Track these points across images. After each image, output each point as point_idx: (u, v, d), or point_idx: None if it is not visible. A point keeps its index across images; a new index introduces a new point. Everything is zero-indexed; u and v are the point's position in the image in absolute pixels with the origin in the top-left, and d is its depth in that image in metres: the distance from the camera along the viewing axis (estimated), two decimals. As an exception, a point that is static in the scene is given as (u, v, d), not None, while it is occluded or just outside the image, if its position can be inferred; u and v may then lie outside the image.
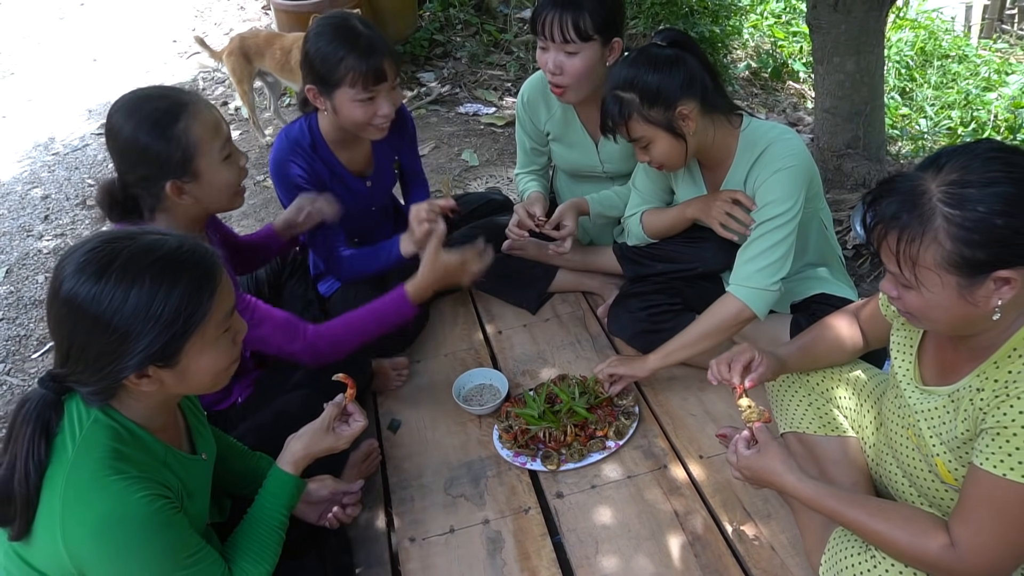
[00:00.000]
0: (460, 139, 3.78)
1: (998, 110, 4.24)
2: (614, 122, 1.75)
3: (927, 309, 1.12)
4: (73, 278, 1.07)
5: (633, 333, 2.09)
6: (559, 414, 1.92)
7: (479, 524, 1.75)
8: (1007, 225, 1.01)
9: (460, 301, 2.53)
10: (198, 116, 1.55)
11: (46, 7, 6.82)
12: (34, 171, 4.06)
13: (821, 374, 1.61)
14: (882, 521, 1.19)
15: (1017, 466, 1.05)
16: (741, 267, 1.80)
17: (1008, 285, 1.04)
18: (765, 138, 1.80)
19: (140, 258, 1.08)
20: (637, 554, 1.63)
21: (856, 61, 2.64)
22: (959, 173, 1.04)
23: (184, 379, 1.16)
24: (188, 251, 1.13)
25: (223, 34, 5.54)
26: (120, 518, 1.08)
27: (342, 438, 1.47)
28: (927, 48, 5.01)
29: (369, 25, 1.96)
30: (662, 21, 4.56)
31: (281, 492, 1.40)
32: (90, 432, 1.11)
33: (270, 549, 1.34)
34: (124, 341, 1.07)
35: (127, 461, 1.12)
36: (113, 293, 1.06)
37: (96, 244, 1.10)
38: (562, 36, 1.94)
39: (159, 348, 1.09)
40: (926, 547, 1.13)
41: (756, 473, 1.34)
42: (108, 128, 1.56)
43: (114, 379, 1.10)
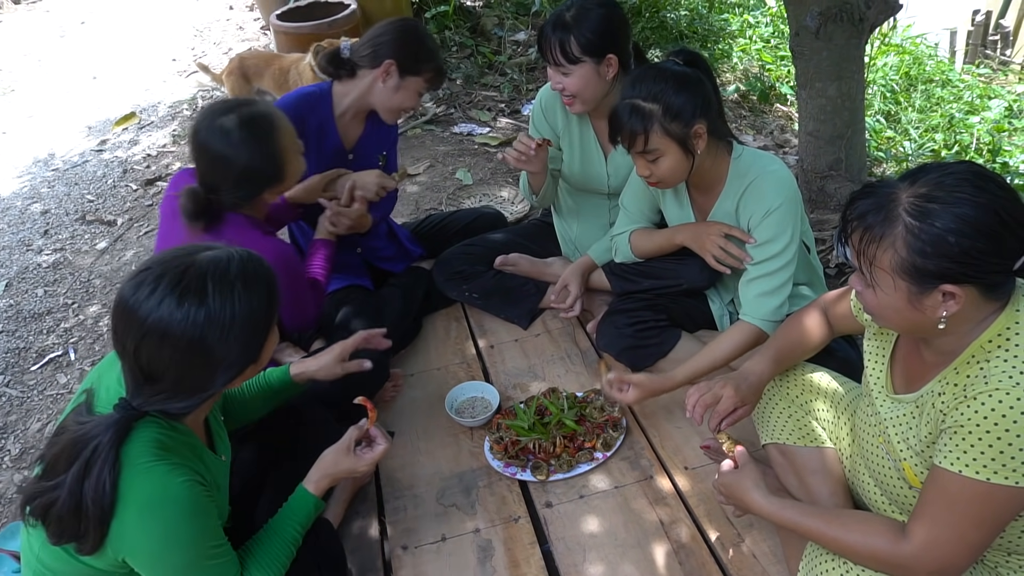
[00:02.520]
0: (454, 158, 3.86)
1: (980, 133, 4.33)
2: (633, 131, 1.76)
3: (880, 308, 1.18)
4: (166, 305, 1.11)
5: (621, 348, 2.14)
6: (549, 426, 1.97)
7: (470, 533, 1.79)
8: (958, 244, 1.07)
9: (453, 316, 2.59)
10: (283, 126, 1.74)
11: (47, 25, 6.91)
12: (34, 186, 4.11)
13: (800, 387, 1.67)
14: (838, 527, 1.25)
15: (972, 463, 1.10)
16: (752, 301, 1.88)
17: (954, 300, 1.10)
18: (754, 169, 1.87)
19: (224, 273, 1.15)
20: (623, 562, 1.68)
21: (838, 86, 2.72)
22: (929, 188, 1.10)
23: (258, 368, 1.26)
24: (252, 259, 1.22)
25: (222, 53, 5.62)
26: (163, 499, 1.14)
27: (363, 461, 1.50)
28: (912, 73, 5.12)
29: None
30: (652, 45, 4.67)
31: (299, 510, 1.45)
32: (139, 426, 1.17)
33: (279, 561, 1.39)
34: (232, 355, 1.15)
35: (170, 451, 1.18)
36: (222, 313, 1.13)
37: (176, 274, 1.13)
38: (553, 59, 2.06)
39: (255, 349, 1.19)
40: (881, 546, 1.19)
41: (730, 490, 1.43)
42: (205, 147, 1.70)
43: (211, 391, 1.18)
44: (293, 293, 1.86)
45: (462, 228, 2.74)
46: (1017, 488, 1.08)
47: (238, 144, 1.68)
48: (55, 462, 1.15)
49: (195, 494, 1.17)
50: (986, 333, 1.14)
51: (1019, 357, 1.09)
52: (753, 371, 1.62)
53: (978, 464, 1.09)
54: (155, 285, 1.12)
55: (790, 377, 1.69)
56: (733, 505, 1.48)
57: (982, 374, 1.12)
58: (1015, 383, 1.08)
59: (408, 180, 3.67)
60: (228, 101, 1.75)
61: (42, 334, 2.92)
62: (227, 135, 1.68)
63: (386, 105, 2.25)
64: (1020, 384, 1.07)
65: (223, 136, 1.68)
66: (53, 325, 2.97)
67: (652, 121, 1.74)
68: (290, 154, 1.78)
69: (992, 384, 1.09)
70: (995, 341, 1.13)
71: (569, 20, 2.01)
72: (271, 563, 1.37)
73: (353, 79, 2.25)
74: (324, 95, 2.27)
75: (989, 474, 1.09)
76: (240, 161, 1.69)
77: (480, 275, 2.46)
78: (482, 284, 2.46)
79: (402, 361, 2.39)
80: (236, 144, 1.68)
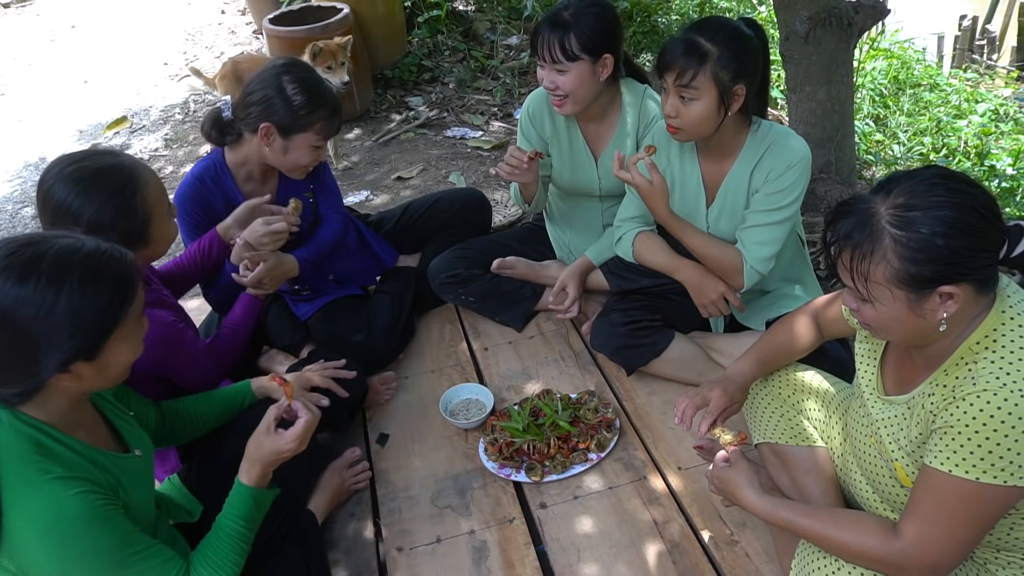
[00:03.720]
0: (447, 162, 3.87)
1: (968, 137, 4.38)
2: (686, 63, 1.75)
3: (882, 321, 1.20)
4: (1, 280, 1.07)
5: (615, 348, 2.16)
6: (543, 427, 1.98)
7: (465, 534, 1.80)
8: (947, 245, 1.10)
9: (447, 319, 2.60)
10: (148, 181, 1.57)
11: (37, 29, 6.88)
12: (25, 190, 4.09)
13: (792, 387, 1.69)
14: (831, 526, 1.27)
15: (962, 463, 1.12)
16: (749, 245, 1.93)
17: (952, 299, 1.13)
18: (772, 134, 1.90)
19: (66, 259, 1.11)
20: (617, 562, 1.69)
21: (827, 90, 2.75)
22: (906, 197, 1.14)
23: (102, 372, 1.19)
24: (108, 251, 1.18)
25: (214, 57, 5.61)
26: (57, 518, 1.09)
27: (285, 439, 1.39)
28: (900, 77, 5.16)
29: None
30: (643, 49, 4.70)
31: (238, 503, 1.38)
32: (7, 439, 1.12)
33: (229, 559, 1.33)
34: (52, 340, 1.09)
35: (52, 459, 1.13)
36: (43, 295, 1.08)
37: (13, 248, 1.10)
38: (551, 56, 2.05)
39: (87, 345, 1.13)
40: (873, 545, 1.21)
41: (723, 485, 1.45)
42: (60, 204, 1.48)
43: (39, 377, 1.12)
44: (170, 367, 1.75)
45: (447, 220, 2.64)
46: (1006, 487, 1.10)
47: (87, 195, 1.47)
48: None
49: (91, 506, 1.11)
50: (974, 335, 1.17)
51: (1006, 358, 1.12)
52: (740, 372, 1.65)
53: (967, 464, 1.11)
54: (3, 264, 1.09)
55: (782, 377, 1.71)
56: (721, 496, 1.50)
57: (970, 375, 1.14)
58: (1002, 384, 1.10)
59: (402, 183, 3.69)
60: (85, 150, 1.56)
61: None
62: (76, 184, 1.47)
63: (282, 167, 2.09)
64: (1007, 384, 1.09)
65: (70, 184, 1.47)
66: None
67: (706, 60, 1.74)
68: (157, 214, 1.57)
69: (980, 385, 1.11)
70: (983, 343, 1.15)
71: (568, 18, 2.02)
72: (219, 561, 1.32)
73: (241, 143, 2.08)
74: (219, 168, 2.11)
75: (978, 473, 1.11)
76: (87, 214, 1.46)
77: (476, 279, 2.46)
78: (478, 288, 2.46)
79: (396, 363, 2.40)
80: (85, 195, 1.47)
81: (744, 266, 1.93)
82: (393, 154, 4.00)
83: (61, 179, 1.48)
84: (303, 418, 1.42)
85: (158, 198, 1.59)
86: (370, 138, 4.17)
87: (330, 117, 2.03)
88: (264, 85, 2.00)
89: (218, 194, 2.11)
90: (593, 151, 2.32)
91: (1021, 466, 1.09)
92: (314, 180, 2.31)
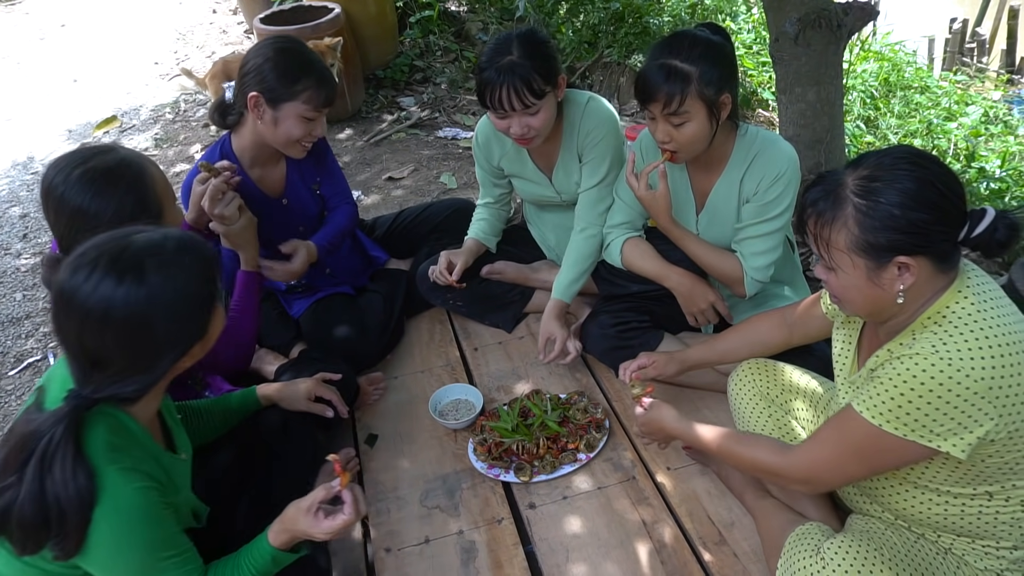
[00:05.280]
0: (439, 162, 3.86)
1: (957, 139, 4.40)
2: (670, 91, 1.73)
3: (844, 290, 1.27)
4: (104, 285, 1.09)
5: (604, 349, 2.15)
6: (532, 428, 1.98)
7: (454, 534, 1.79)
8: (903, 216, 1.16)
9: (436, 319, 2.59)
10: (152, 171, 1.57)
11: (26, 27, 6.84)
12: (12, 190, 4.07)
13: (779, 387, 1.70)
14: (734, 443, 1.47)
15: (873, 408, 1.22)
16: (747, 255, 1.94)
17: (908, 271, 1.19)
18: (759, 141, 1.90)
19: (159, 250, 1.15)
20: (606, 562, 1.69)
21: (817, 91, 2.76)
22: (871, 170, 1.21)
23: (205, 345, 1.23)
24: (184, 236, 1.21)
25: (205, 57, 5.59)
26: (117, 508, 1.11)
27: (320, 527, 1.32)
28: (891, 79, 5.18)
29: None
30: (635, 50, 4.70)
31: (258, 557, 1.35)
32: (89, 425, 1.14)
33: None
34: (176, 331, 1.15)
35: (122, 452, 1.15)
36: (162, 289, 1.12)
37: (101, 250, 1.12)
38: (522, 104, 1.94)
39: (202, 324, 1.18)
40: (763, 456, 1.41)
41: (651, 425, 1.65)
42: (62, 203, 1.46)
43: (162, 370, 1.16)
44: None
45: (438, 224, 2.68)
46: (903, 440, 1.20)
47: (104, 196, 1.45)
48: (5, 462, 1.10)
49: (149, 502, 1.15)
50: (928, 311, 1.22)
51: (948, 331, 1.18)
52: (686, 355, 1.86)
53: (877, 411, 1.21)
54: (92, 268, 1.10)
55: (769, 377, 1.72)
56: (655, 439, 1.71)
57: (913, 342, 1.21)
58: (934, 350, 1.16)
59: (393, 184, 3.68)
60: (82, 150, 1.55)
61: (20, 338, 2.89)
62: (89, 186, 1.45)
63: (276, 141, 2.03)
64: (938, 352, 1.16)
65: (83, 188, 1.44)
66: (32, 329, 2.93)
67: (689, 83, 1.72)
68: (167, 202, 1.56)
69: (915, 349, 1.18)
70: (933, 318, 1.22)
71: (518, 60, 1.92)
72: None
73: (243, 124, 2.07)
74: (225, 154, 2.09)
75: (883, 421, 1.21)
76: (108, 214, 1.45)
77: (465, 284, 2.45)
78: (466, 292, 2.45)
79: (386, 364, 2.39)
80: (101, 196, 1.45)
81: (744, 276, 1.94)
82: (384, 154, 3.99)
83: (71, 184, 1.44)
84: (346, 515, 1.33)
85: (164, 186, 1.60)
86: (361, 138, 4.16)
87: (317, 86, 1.98)
88: (254, 56, 1.99)
89: None
90: (543, 169, 2.30)
91: (924, 426, 1.17)
92: (321, 171, 2.31)
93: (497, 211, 2.50)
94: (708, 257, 1.98)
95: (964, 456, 1.17)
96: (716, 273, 1.99)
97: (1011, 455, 1.20)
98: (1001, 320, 1.17)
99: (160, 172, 1.61)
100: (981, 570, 1.32)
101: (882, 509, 1.42)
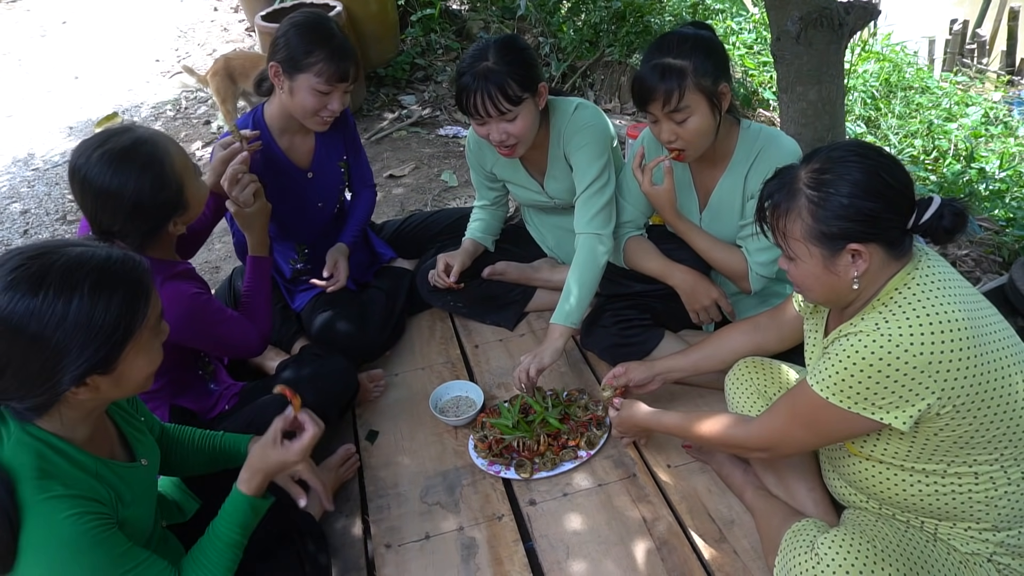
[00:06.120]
0: (439, 160, 3.87)
1: (958, 139, 4.40)
2: (668, 88, 1.73)
3: (803, 278, 1.34)
4: (4, 296, 1.05)
5: (605, 347, 2.16)
6: (532, 425, 1.98)
7: (454, 531, 1.79)
8: (852, 205, 1.23)
9: (438, 316, 2.59)
10: (172, 149, 1.60)
11: (27, 24, 6.84)
12: (13, 186, 4.07)
13: (776, 386, 1.71)
14: (701, 421, 1.57)
15: (821, 382, 1.29)
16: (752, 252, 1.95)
17: (861, 258, 1.25)
18: (763, 136, 1.90)
19: (75, 270, 1.08)
20: (606, 559, 1.69)
21: (818, 90, 2.76)
22: (822, 163, 1.28)
23: (119, 384, 1.16)
24: (119, 260, 1.14)
25: (206, 54, 5.60)
26: (47, 541, 1.07)
27: (292, 451, 1.38)
28: (892, 79, 5.19)
29: (342, 30, 2.10)
30: (636, 49, 4.70)
31: (234, 511, 1.35)
32: (12, 452, 1.10)
33: (222, 565, 1.32)
34: (66, 354, 1.07)
35: (52, 478, 1.11)
36: (53, 307, 1.05)
37: (20, 261, 1.07)
38: (497, 110, 1.94)
39: (101, 357, 1.10)
40: (726, 428, 1.52)
41: (625, 420, 1.78)
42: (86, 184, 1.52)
43: (54, 393, 1.09)
44: (209, 337, 1.77)
45: (444, 228, 2.71)
46: (848, 412, 1.27)
47: (123, 173, 1.51)
48: None
49: (84, 530, 1.09)
50: (880, 294, 1.28)
51: (892, 310, 1.24)
52: (662, 364, 1.90)
53: (824, 384, 1.28)
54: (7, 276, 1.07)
55: (766, 374, 1.73)
56: (630, 435, 1.85)
57: (862, 321, 1.26)
58: (877, 327, 1.22)
59: (394, 182, 3.68)
60: (102, 132, 1.59)
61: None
62: (108, 166, 1.51)
63: (295, 112, 2.08)
64: (879, 330, 1.22)
65: (103, 168, 1.51)
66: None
67: (685, 77, 1.73)
68: (187, 177, 1.62)
69: (860, 326, 1.25)
70: (882, 299, 1.28)
71: (494, 66, 1.91)
72: (212, 568, 1.30)
73: (274, 94, 2.13)
74: (257, 121, 2.15)
75: (829, 394, 1.28)
76: (128, 191, 1.52)
77: (464, 285, 2.45)
78: (467, 294, 2.45)
79: (386, 361, 2.39)
80: (121, 174, 1.51)
81: (749, 272, 1.95)
82: (385, 152, 4.00)
83: (92, 165, 1.51)
84: (310, 431, 1.41)
85: (184, 162, 1.63)
86: (363, 136, 4.16)
87: (329, 59, 1.99)
88: (280, 27, 2.05)
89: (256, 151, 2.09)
90: (535, 175, 2.31)
91: (867, 399, 1.24)
92: (348, 150, 2.37)
93: (494, 212, 2.50)
94: (713, 251, 1.99)
95: (906, 428, 1.24)
96: (721, 267, 2.00)
97: (962, 429, 1.24)
98: (946, 300, 1.23)
99: (179, 149, 1.65)
100: (969, 554, 1.34)
101: (866, 497, 1.45)
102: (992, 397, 1.22)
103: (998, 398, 1.23)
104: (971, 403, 1.22)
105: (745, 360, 1.79)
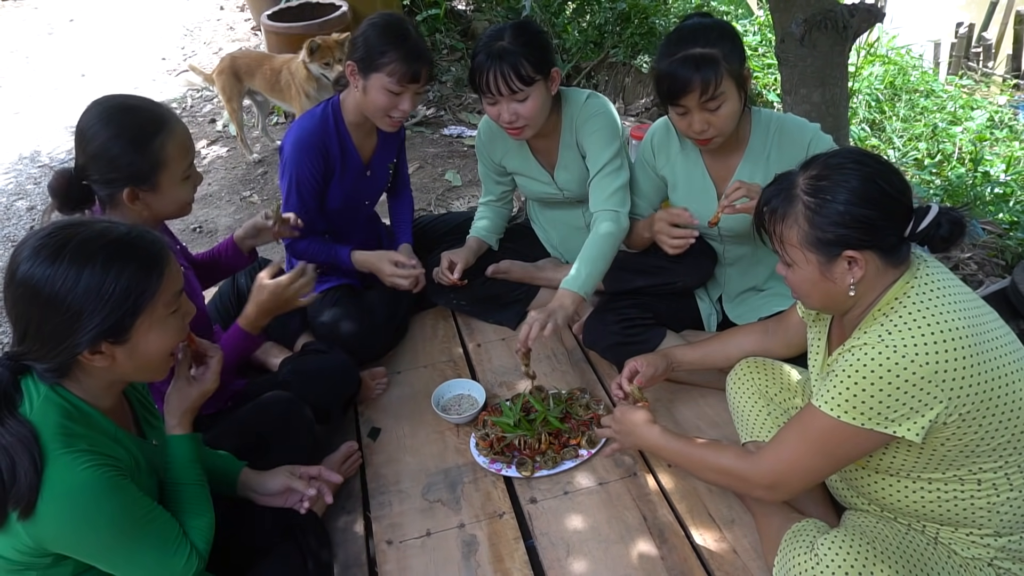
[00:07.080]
0: (444, 160, 3.88)
1: (963, 143, 4.40)
2: (706, 78, 1.73)
3: (800, 284, 1.34)
4: (28, 261, 1.14)
5: (607, 345, 2.16)
6: (534, 423, 1.99)
7: (455, 528, 1.80)
8: (848, 212, 1.23)
9: (441, 315, 2.60)
10: (174, 135, 1.60)
11: (35, 22, 6.88)
12: (20, 183, 4.09)
13: (778, 386, 1.71)
14: (701, 449, 1.51)
15: (830, 401, 1.26)
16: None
17: (857, 265, 1.26)
18: (775, 119, 1.93)
19: (92, 241, 1.16)
20: (606, 557, 1.70)
21: (822, 93, 2.76)
22: (819, 170, 1.28)
23: (134, 356, 1.22)
24: (137, 235, 1.21)
25: (212, 53, 5.62)
26: (68, 489, 1.13)
27: (206, 379, 1.45)
28: (896, 82, 5.18)
29: (419, 32, 2.16)
30: (641, 51, 4.71)
31: (186, 452, 1.41)
32: (40, 410, 1.16)
33: (203, 502, 1.39)
34: (78, 319, 1.14)
35: (75, 436, 1.17)
36: (67, 274, 1.13)
37: (51, 230, 1.17)
38: (508, 88, 1.98)
39: (111, 325, 1.16)
40: (727, 461, 1.44)
41: (623, 425, 1.68)
42: (81, 129, 1.57)
43: (69, 355, 1.17)
44: None
45: (451, 229, 2.72)
46: (861, 429, 1.24)
47: (118, 132, 1.54)
48: None
49: (100, 475, 1.16)
50: (879, 304, 1.27)
51: (893, 321, 1.23)
52: (676, 354, 1.88)
53: (834, 403, 1.25)
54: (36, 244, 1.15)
55: (768, 375, 1.73)
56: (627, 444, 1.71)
57: (863, 335, 1.25)
58: (881, 339, 1.21)
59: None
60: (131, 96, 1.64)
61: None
62: (102, 113, 1.56)
63: (367, 111, 2.15)
64: (883, 341, 1.21)
65: (98, 114, 1.56)
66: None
67: (719, 64, 1.73)
68: (171, 167, 1.60)
69: (863, 339, 1.24)
70: (883, 309, 1.27)
71: (508, 46, 1.96)
72: (197, 507, 1.38)
73: (350, 90, 2.19)
74: (334, 109, 2.22)
75: (840, 412, 1.24)
76: (113, 149, 1.54)
77: (468, 282, 2.46)
78: (471, 292, 2.46)
79: (389, 359, 2.40)
80: (117, 132, 1.54)
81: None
82: (390, 152, 4.00)
83: (92, 108, 1.57)
84: (216, 356, 1.48)
85: (180, 153, 1.61)
86: (367, 135, 4.17)
87: (402, 60, 2.02)
88: (361, 25, 2.10)
89: (332, 133, 2.21)
90: (545, 166, 2.32)
91: (879, 413, 1.22)
92: (399, 152, 2.47)
93: (499, 209, 2.51)
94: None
95: (919, 440, 1.22)
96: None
97: (968, 438, 1.24)
98: (948, 308, 1.22)
99: (185, 142, 1.64)
100: (970, 559, 1.34)
101: (867, 501, 1.45)
102: (996, 404, 1.22)
103: (1002, 405, 1.22)
104: (976, 411, 1.21)
105: (747, 360, 1.79)
